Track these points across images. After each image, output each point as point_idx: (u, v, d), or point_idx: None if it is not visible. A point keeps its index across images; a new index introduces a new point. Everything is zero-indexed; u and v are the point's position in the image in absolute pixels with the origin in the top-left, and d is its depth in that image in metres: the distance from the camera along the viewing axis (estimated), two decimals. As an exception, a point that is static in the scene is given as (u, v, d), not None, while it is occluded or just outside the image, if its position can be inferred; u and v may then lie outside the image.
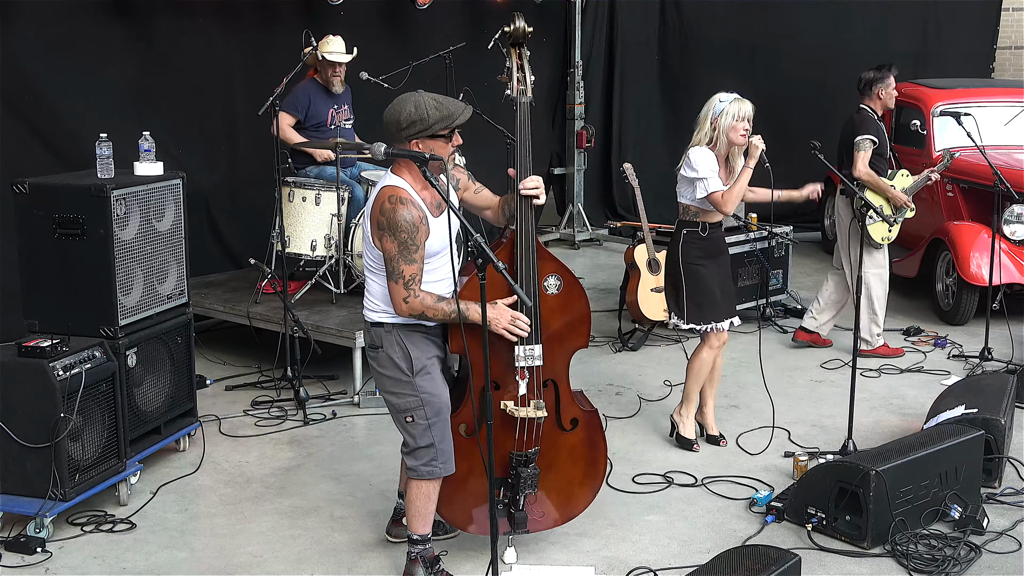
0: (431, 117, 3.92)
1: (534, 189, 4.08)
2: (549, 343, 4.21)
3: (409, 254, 3.85)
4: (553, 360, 4.25)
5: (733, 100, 5.47)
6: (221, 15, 7.92)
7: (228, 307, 6.96)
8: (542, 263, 4.17)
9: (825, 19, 11.54)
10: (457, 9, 9.65)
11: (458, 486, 4.28)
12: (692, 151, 5.47)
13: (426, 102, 3.95)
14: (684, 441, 5.71)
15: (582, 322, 4.28)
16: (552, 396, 4.30)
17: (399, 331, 4.02)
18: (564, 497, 4.43)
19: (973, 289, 7.75)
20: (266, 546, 4.61)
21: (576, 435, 4.37)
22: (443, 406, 4.08)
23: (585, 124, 11.31)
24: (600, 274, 9.80)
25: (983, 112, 8.31)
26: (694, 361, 5.66)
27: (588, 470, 4.44)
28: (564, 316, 4.25)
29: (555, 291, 4.19)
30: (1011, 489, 5.04)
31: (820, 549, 4.51)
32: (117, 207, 4.94)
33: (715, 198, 5.39)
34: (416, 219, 3.85)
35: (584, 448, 4.41)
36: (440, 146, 3.98)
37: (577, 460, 4.41)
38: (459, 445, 4.18)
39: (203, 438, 5.68)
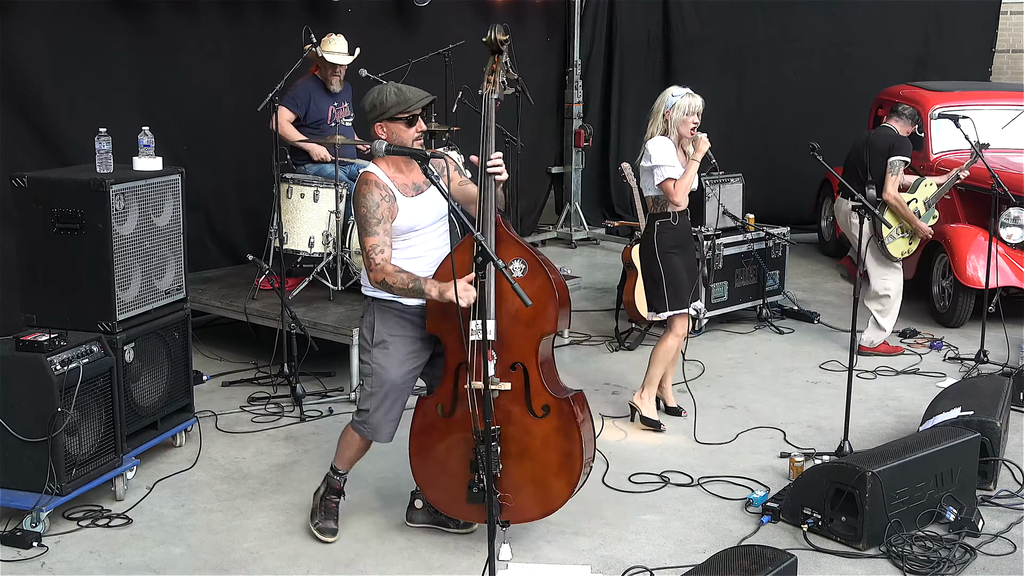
0: (388, 101, 4.24)
1: (496, 167, 4.24)
2: (513, 325, 4.24)
3: (369, 227, 4.18)
4: (519, 343, 4.25)
5: (685, 94, 5.71)
6: (224, 11, 7.91)
7: (225, 303, 6.96)
8: (507, 246, 4.25)
9: (826, 21, 11.55)
10: (457, 7, 9.65)
11: (440, 468, 4.43)
12: (650, 142, 5.72)
13: (388, 89, 4.28)
14: (651, 422, 5.91)
15: (547, 306, 4.23)
16: (521, 380, 4.28)
17: (376, 305, 4.41)
18: (541, 489, 4.37)
19: (969, 292, 7.76)
20: (262, 542, 4.61)
21: (548, 423, 4.30)
22: (388, 381, 4.39)
23: (583, 123, 11.32)
24: (597, 273, 9.80)
25: (981, 115, 8.32)
26: (660, 348, 5.91)
27: (563, 461, 4.33)
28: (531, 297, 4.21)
29: (519, 274, 4.22)
30: (1006, 491, 5.06)
31: (816, 550, 4.51)
32: (116, 202, 4.93)
33: (667, 186, 5.65)
34: (378, 198, 4.18)
35: (558, 437, 4.31)
36: (400, 129, 4.27)
37: (551, 450, 4.32)
38: (437, 425, 4.39)
39: (200, 434, 5.68)
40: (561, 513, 4.86)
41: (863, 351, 7.16)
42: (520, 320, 4.24)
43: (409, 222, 4.27)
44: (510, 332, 4.24)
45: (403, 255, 4.28)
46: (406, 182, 4.30)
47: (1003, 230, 7.79)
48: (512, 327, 4.24)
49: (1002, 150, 8.38)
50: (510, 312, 4.22)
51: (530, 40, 10.55)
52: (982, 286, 7.28)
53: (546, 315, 4.25)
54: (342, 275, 6.90)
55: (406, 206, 4.26)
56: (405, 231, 4.27)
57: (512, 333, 4.24)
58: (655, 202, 5.79)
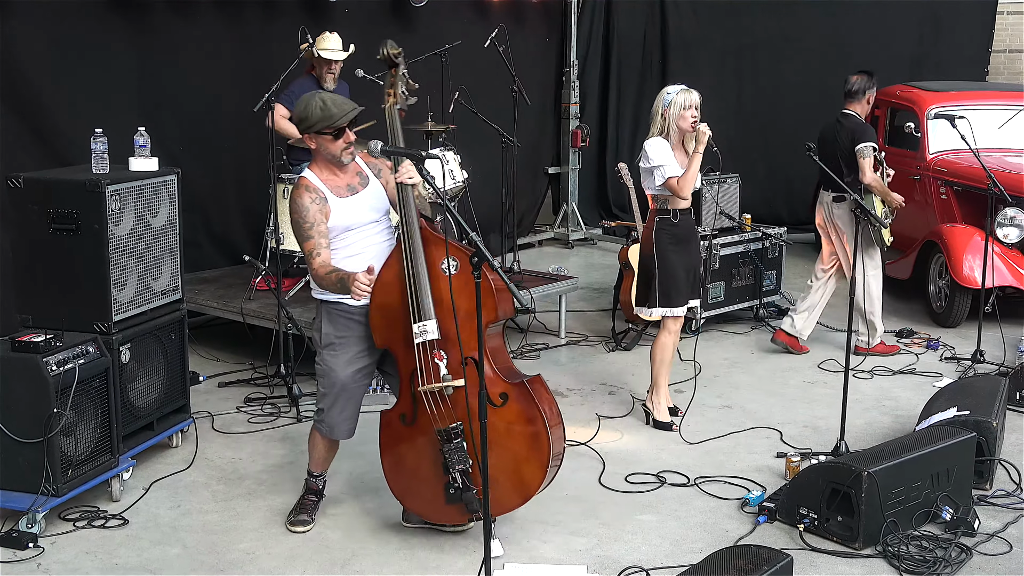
0: (313, 116, 4.34)
1: (407, 175, 4.33)
2: (452, 321, 4.29)
3: (303, 232, 4.35)
4: (466, 337, 4.29)
5: (680, 90, 5.77)
6: (221, 12, 7.91)
7: (222, 303, 6.95)
8: (434, 247, 4.34)
9: (823, 21, 11.55)
10: (455, 8, 9.65)
11: (413, 477, 4.48)
12: (647, 143, 5.78)
13: (315, 103, 4.35)
14: (662, 424, 5.93)
15: (486, 296, 4.24)
16: (473, 374, 4.27)
17: (324, 307, 4.54)
18: (514, 477, 4.36)
19: (966, 291, 7.77)
20: (259, 543, 4.61)
21: (509, 410, 4.33)
22: (338, 382, 4.51)
23: (580, 124, 11.32)
24: (594, 273, 9.81)
25: (977, 115, 8.33)
26: (656, 348, 5.94)
27: (531, 444, 4.33)
28: (466, 294, 4.27)
29: (453, 271, 4.29)
30: (1002, 491, 5.06)
31: (812, 550, 4.51)
32: (112, 202, 4.93)
33: (671, 184, 5.68)
34: (308, 202, 4.34)
35: (521, 423, 4.34)
36: (327, 142, 4.37)
37: (516, 436, 4.34)
38: (403, 435, 4.48)
39: (196, 434, 5.68)
40: (557, 513, 4.88)
41: (859, 351, 7.17)
42: (460, 315, 4.28)
43: (344, 222, 4.40)
44: (452, 328, 4.30)
45: (343, 254, 4.42)
46: (340, 184, 4.44)
47: (999, 230, 7.80)
48: (452, 323, 4.30)
49: (999, 150, 8.40)
50: (449, 309, 4.27)
51: (527, 40, 10.55)
52: (979, 286, 7.28)
53: (485, 306, 4.21)
54: (339, 275, 6.89)
55: (339, 207, 4.39)
56: (342, 231, 4.40)
57: (454, 329, 4.30)
58: (655, 199, 5.83)
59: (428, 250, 4.34)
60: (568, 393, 6.56)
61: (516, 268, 8.10)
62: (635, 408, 6.27)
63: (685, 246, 5.85)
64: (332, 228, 4.39)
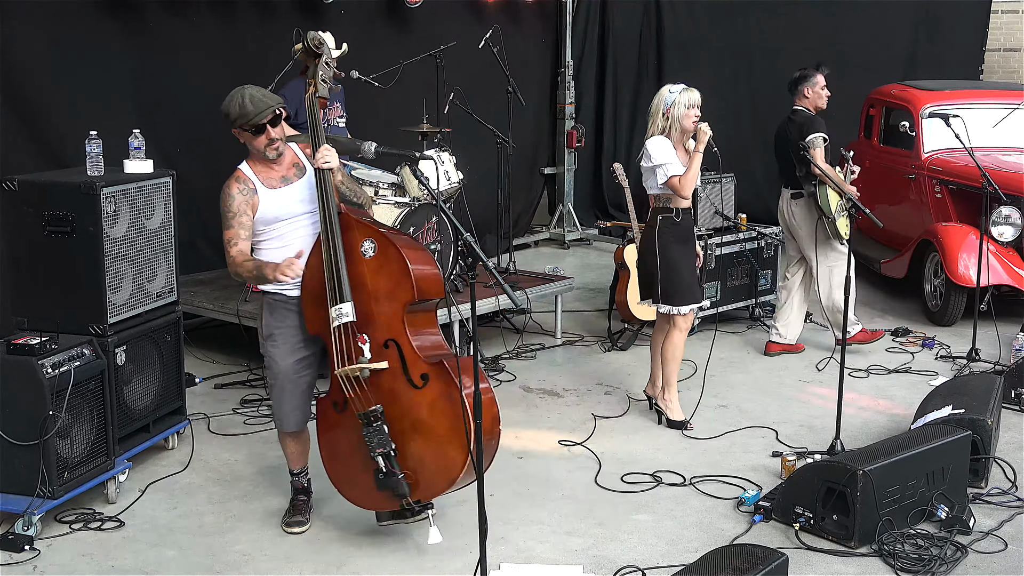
0: (233, 113, 4.44)
1: (323, 159, 4.40)
2: (376, 303, 4.33)
3: (225, 221, 4.48)
4: (387, 319, 4.32)
5: (682, 90, 5.77)
6: (217, 14, 7.91)
7: (217, 305, 6.95)
8: (354, 231, 4.37)
9: (818, 21, 11.54)
10: (449, 8, 9.65)
11: (347, 464, 4.50)
12: (649, 141, 5.77)
13: (235, 100, 4.43)
14: (676, 424, 5.93)
15: (403, 275, 4.28)
16: (396, 356, 4.32)
17: (265, 298, 4.62)
18: (440, 460, 4.31)
19: (961, 290, 7.78)
20: (255, 544, 4.61)
21: (431, 391, 4.28)
22: (280, 372, 4.58)
23: (576, 124, 11.32)
24: (590, 274, 9.81)
25: (972, 114, 8.34)
26: (667, 347, 5.92)
27: (453, 424, 4.24)
28: (384, 275, 4.32)
29: (371, 254, 4.33)
30: (997, 489, 5.07)
31: (807, 548, 4.52)
32: (107, 205, 4.93)
33: (673, 183, 5.68)
34: (235, 192, 4.46)
35: (443, 402, 4.27)
36: (249, 138, 4.47)
37: (439, 416, 4.28)
38: (335, 422, 4.53)
39: (192, 436, 5.68)
40: (553, 513, 4.89)
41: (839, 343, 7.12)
42: (380, 297, 4.32)
43: (273, 212, 4.47)
44: (374, 311, 4.33)
45: (274, 244, 4.50)
46: (273, 176, 4.52)
47: (994, 228, 7.81)
48: (375, 305, 4.33)
49: (994, 148, 8.41)
50: (369, 291, 4.33)
51: (522, 41, 10.55)
52: (974, 284, 7.29)
53: (403, 286, 4.29)
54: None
55: (268, 197, 4.47)
56: (270, 220, 4.48)
57: (377, 311, 4.33)
58: (657, 199, 5.83)
59: (348, 235, 4.37)
60: (564, 393, 6.57)
61: (512, 269, 8.11)
62: (631, 408, 6.27)
63: (685, 245, 5.86)
64: (261, 219, 4.47)
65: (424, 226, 6.90)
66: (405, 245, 4.40)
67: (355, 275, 4.35)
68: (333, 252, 4.33)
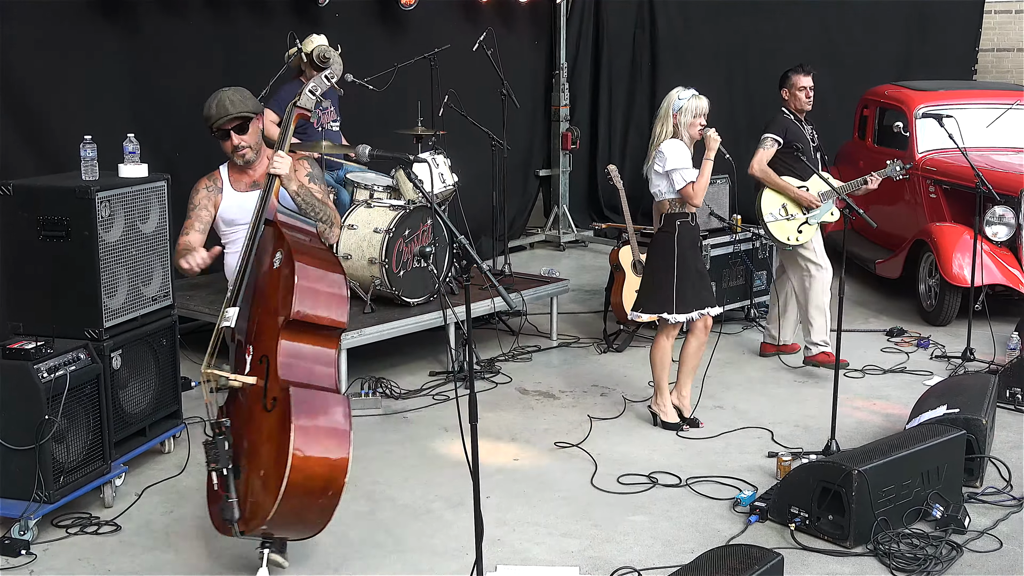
0: (204, 114, 4.42)
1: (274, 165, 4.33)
2: (266, 316, 4.14)
3: (187, 212, 4.53)
4: (268, 334, 4.10)
5: (691, 97, 5.72)
6: (212, 16, 7.91)
7: (213, 309, 6.92)
8: (275, 240, 4.23)
9: (811, 23, 11.58)
10: (443, 11, 9.66)
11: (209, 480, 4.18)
12: (664, 145, 5.71)
13: (209, 102, 4.41)
14: (670, 425, 5.93)
15: (287, 291, 4.04)
16: (263, 374, 4.07)
17: None
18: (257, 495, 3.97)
19: (955, 290, 7.79)
20: (250, 548, 4.60)
21: (275, 416, 3.98)
22: None
23: (570, 126, 11.33)
24: (585, 275, 9.82)
25: (965, 114, 8.36)
26: (655, 351, 5.93)
27: (276, 461, 3.87)
28: (278, 289, 4.12)
29: (277, 265, 4.17)
30: (992, 488, 5.08)
31: (803, 548, 4.53)
32: (102, 209, 4.93)
33: (687, 190, 5.66)
34: (202, 187, 4.55)
35: (278, 435, 3.92)
36: (218, 140, 4.48)
37: (270, 447, 3.95)
38: None
39: (188, 440, 5.67)
40: (549, 514, 4.89)
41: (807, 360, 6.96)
42: (270, 310, 4.14)
43: (231, 214, 4.53)
44: (263, 323, 4.16)
45: (231, 248, 4.59)
46: (244, 179, 4.55)
47: (988, 228, 7.82)
48: (265, 319, 4.15)
49: (987, 148, 8.43)
50: (265, 304, 4.16)
51: (517, 43, 10.55)
52: (968, 284, 7.30)
53: (285, 302, 4.05)
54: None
55: (231, 198, 4.53)
56: (229, 222, 4.55)
57: (264, 325, 4.14)
58: (672, 203, 5.76)
59: (270, 243, 4.25)
60: (560, 395, 6.57)
61: (507, 271, 8.12)
62: (627, 409, 6.28)
63: (695, 249, 5.86)
64: (222, 218, 4.54)
65: (419, 228, 6.92)
66: (308, 262, 4.11)
67: (261, 284, 4.24)
68: (246, 256, 4.24)
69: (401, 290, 6.81)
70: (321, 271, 4.13)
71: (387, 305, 6.84)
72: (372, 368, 6.83)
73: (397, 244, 6.73)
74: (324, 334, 4.15)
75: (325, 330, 4.14)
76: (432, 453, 5.65)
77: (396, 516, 4.91)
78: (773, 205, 6.83)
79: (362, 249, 6.77)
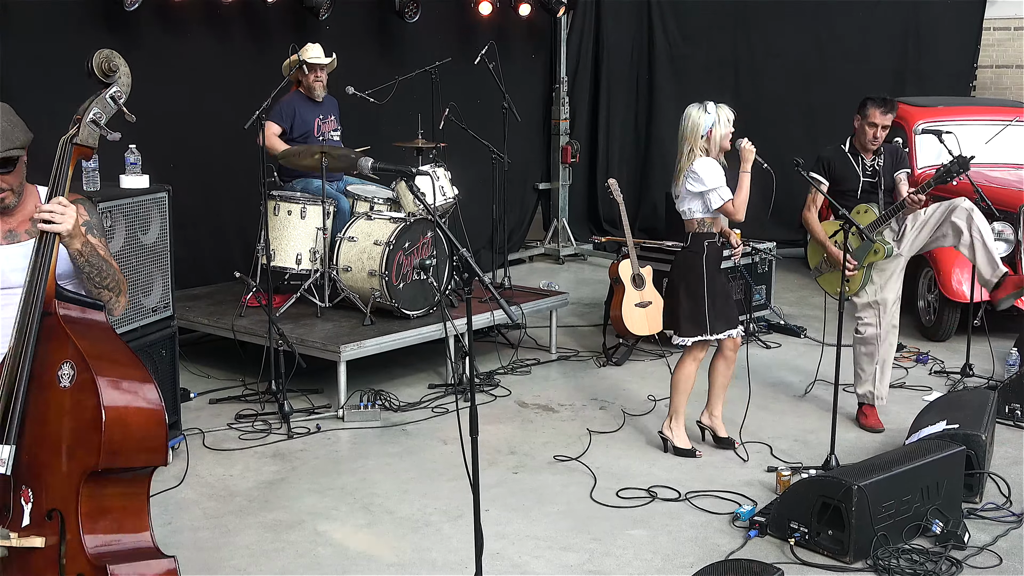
0: None
1: (48, 213, 3.03)
2: (53, 455, 2.94)
3: None
4: (58, 481, 2.93)
5: (718, 107, 5.60)
6: (211, 30, 7.95)
7: (213, 320, 6.95)
8: (57, 344, 2.98)
9: (807, 37, 11.62)
10: (444, 24, 9.70)
11: None
12: (696, 163, 5.51)
13: None
14: (683, 452, 5.80)
15: (92, 429, 2.89)
16: (56, 534, 2.93)
17: None
18: None
19: (955, 306, 7.80)
20: (250, 560, 4.60)
21: None
22: None
23: (570, 139, 11.36)
24: (584, 289, 9.83)
25: (964, 130, 8.38)
26: (679, 375, 5.79)
27: None
28: (72, 419, 2.93)
29: (67, 383, 2.94)
30: (992, 504, 5.07)
31: (802, 563, 4.53)
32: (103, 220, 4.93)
33: (727, 208, 5.52)
34: None
35: None
36: None
37: None
38: None
39: (187, 451, 5.67)
40: (548, 528, 4.88)
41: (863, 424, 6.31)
42: (59, 448, 2.94)
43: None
44: (49, 464, 2.94)
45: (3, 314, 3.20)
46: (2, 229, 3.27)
47: (988, 244, 7.81)
48: (51, 458, 2.94)
49: (986, 165, 8.43)
50: (51, 434, 2.94)
51: (517, 57, 10.59)
52: (967, 300, 7.31)
53: (87, 444, 2.90)
54: (329, 292, 6.91)
55: None
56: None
57: (51, 466, 2.94)
58: (700, 223, 5.60)
59: (49, 345, 2.97)
60: (559, 408, 6.57)
61: (507, 284, 8.13)
62: (626, 423, 6.28)
63: (721, 270, 5.79)
64: None
65: (419, 241, 6.93)
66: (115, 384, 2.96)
67: (40, 404, 2.95)
68: (18, 363, 2.95)
69: (401, 302, 6.81)
70: (132, 393, 3.01)
71: (387, 317, 6.84)
72: (371, 380, 6.83)
73: (397, 256, 6.74)
74: (139, 476, 3.10)
75: (140, 471, 3.09)
76: (431, 466, 5.64)
77: (395, 529, 4.90)
78: (817, 257, 6.44)
79: (362, 261, 6.77)
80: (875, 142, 6.22)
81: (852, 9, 11.47)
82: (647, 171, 11.61)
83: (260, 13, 8.17)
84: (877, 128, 6.17)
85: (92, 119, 3.24)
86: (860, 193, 6.21)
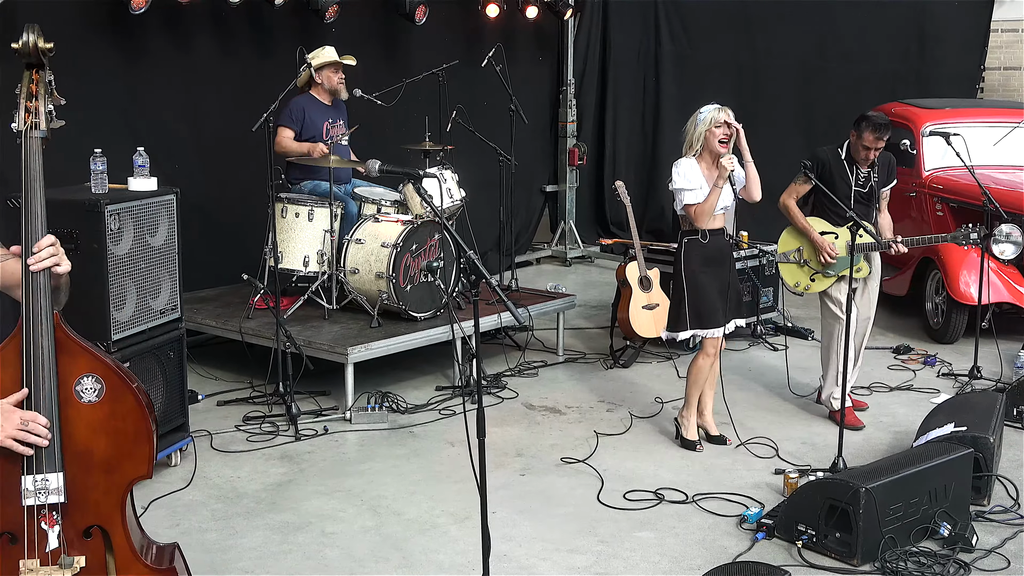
0: None
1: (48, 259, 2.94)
2: (86, 472, 2.85)
3: None
4: (97, 497, 2.87)
5: (713, 108, 5.68)
6: (217, 32, 7.96)
7: (220, 322, 6.96)
8: (71, 359, 2.92)
9: (811, 40, 11.61)
10: (451, 27, 9.71)
11: None
12: (678, 163, 5.70)
13: None
14: (687, 443, 5.89)
15: (138, 440, 2.89)
16: (100, 552, 2.89)
17: None
18: None
19: (962, 308, 7.79)
20: (257, 562, 4.61)
21: None
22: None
23: (577, 142, 11.36)
24: (592, 291, 9.83)
25: (972, 132, 8.36)
26: (691, 368, 5.89)
27: None
28: (109, 433, 2.88)
29: (93, 398, 2.88)
30: (1000, 507, 5.06)
31: (810, 566, 4.52)
32: (111, 222, 4.95)
33: (689, 211, 5.66)
34: None
35: None
36: None
37: None
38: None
39: (195, 453, 5.68)
40: (556, 530, 4.88)
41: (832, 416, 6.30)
42: (96, 465, 2.87)
43: None
44: (83, 483, 2.85)
45: None
46: None
47: (995, 246, 7.82)
48: (85, 476, 2.85)
49: (994, 167, 8.43)
50: (81, 454, 2.85)
51: (525, 59, 10.60)
52: (975, 302, 7.30)
53: (138, 453, 2.91)
54: (337, 294, 6.92)
55: None
56: None
57: (86, 484, 2.86)
58: (684, 220, 5.78)
59: (61, 361, 2.90)
60: (566, 410, 6.57)
61: (514, 286, 8.14)
62: (633, 425, 6.27)
63: (717, 266, 5.76)
64: None
65: (426, 243, 6.94)
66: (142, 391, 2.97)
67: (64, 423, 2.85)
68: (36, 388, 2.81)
69: (408, 305, 6.81)
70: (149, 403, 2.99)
71: (394, 320, 6.84)
72: (378, 383, 6.84)
73: (404, 259, 6.75)
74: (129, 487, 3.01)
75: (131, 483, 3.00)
76: (438, 468, 5.65)
77: (402, 531, 4.90)
78: (790, 245, 6.36)
79: (369, 263, 6.78)
80: (866, 161, 6.27)
81: (859, 11, 11.46)
82: (654, 173, 11.59)
83: (266, 16, 8.18)
84: (870, 151, 6.19)
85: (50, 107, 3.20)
86: (853, 203, 6.17)
